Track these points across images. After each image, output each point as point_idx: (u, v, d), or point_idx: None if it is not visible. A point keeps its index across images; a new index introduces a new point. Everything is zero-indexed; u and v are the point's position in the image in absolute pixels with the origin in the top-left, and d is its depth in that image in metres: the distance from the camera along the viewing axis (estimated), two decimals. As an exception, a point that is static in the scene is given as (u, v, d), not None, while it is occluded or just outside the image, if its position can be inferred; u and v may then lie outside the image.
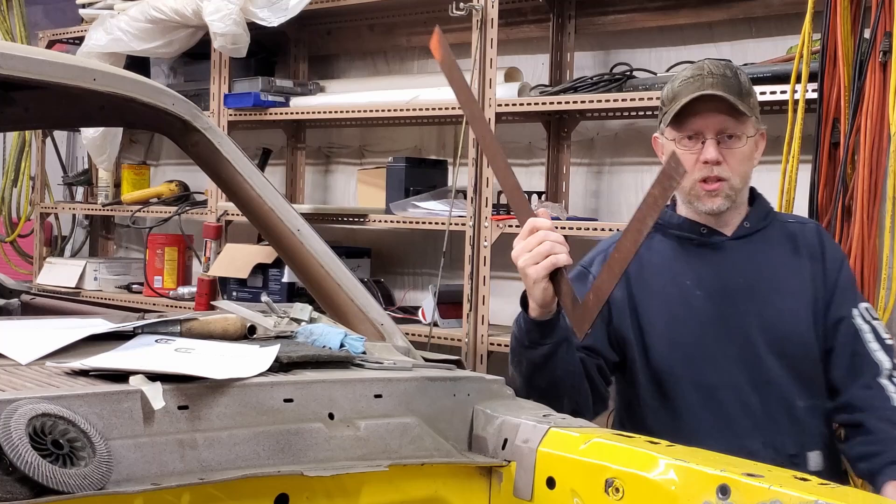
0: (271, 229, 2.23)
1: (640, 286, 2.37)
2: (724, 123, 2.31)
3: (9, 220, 5.90)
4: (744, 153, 2.34)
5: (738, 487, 1.37)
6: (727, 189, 2.33)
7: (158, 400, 1.45)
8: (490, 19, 3.76)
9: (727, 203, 2.34)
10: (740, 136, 2.33)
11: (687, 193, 2.38)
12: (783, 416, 2.29)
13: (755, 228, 2.42)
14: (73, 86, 2.04)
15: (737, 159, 2.33)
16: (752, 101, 2.37)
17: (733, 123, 2.32)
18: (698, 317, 2.33)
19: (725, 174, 2.32)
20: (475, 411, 1.77)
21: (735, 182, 2.34)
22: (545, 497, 1.60)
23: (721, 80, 2.33)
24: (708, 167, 2.32)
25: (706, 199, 2.34)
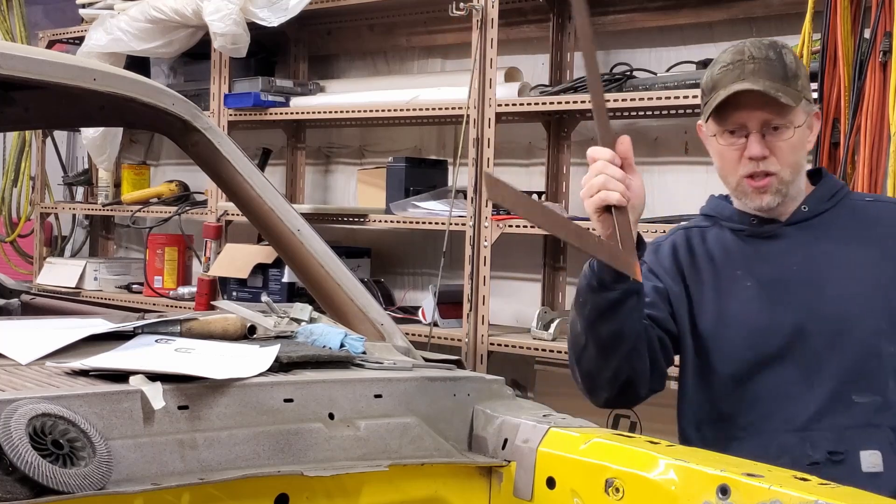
0: (271, 229, 2.23)
1: (693, 279, 2.25)
2: (768, 115, 2.13)
3: (9, 220, 5.90)
4: (792, 144, 2.15)
5: (738, 487, 1.37)
6: (776, 184, 2.16)
7: (158, 400, 1.45)
8: (490, 19, 3.76)
9: (777, 198, 2.17)
10: (787, 126, 2.14)
11: (734, 190, 2.22)
12: (837, 413, 2.10)
13: (815, 212, 2.23)
14: (73, 86, 2.04)
15: (785, 151, 2.15)
16: (799, 83, 2.16)
17: (778, 114, 2.13)
18: (746, 309, 2.19)
19: (774, 168, 2.15)
20: (475, 411, 1.77)
21: (785, 175, 2.16)
22: (545, 497, 1.60)
23: (763, 64, 2.13)
24: (753, 163, 2.15)
25: (754, 196, 2.18)
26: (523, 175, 4.24)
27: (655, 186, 3.89)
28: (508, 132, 4.13)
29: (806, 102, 2.17)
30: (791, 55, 2.19)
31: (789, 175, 2.17)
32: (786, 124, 2.14)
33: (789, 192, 2.19)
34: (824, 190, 2.26)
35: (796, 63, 2.17)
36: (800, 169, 2.21)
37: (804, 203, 2.22)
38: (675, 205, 3.59)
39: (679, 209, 3.48)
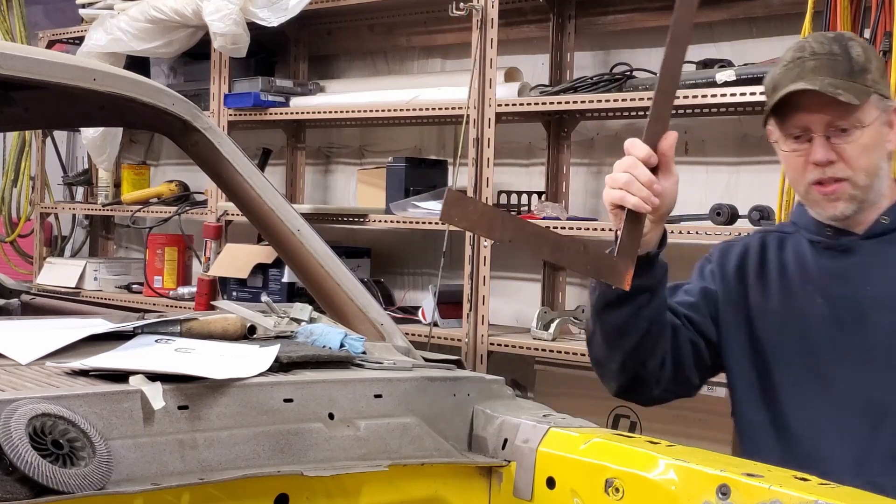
0: (271, 229, 2.23)
1: (757, 285, 2.09)
2: (831, 116, 1.96)
3: (9, 220, 5.90)
4: (863, 145, 1.96)
5: (738, 487, 1.37)
6: (850, 189, 1.98)
7: (158, 400, 1.45)
8: (490, 19, 3.76)
9: (852, 206, 1.98)
10: (855, 127, 1.96)
11: (804, 198, 2.05)
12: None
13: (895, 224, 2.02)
14: (73, 86, 2.04)
15: (855, 154, 1.96)
16: (869, 77, 1.97)
17: (844, 114, 1.95)
18: (813, 328, 2.01)
19: (843, 173, 1.97)
20: (475, 411, 1.77)
21: (859, 179, 1.97)
22: (545, 497, 1.60)
23: (826, 61, 1.96)
24: (820, 169, 1.97)
25: (825, 204, 2.00)
26: (523, 175, 4.24)
27: (655, 186, 3.89)
28: (508, 132, 4.13)
29: (879, 98, 1.99)
30: (859, 47, 2.00)
31: (864, 179, 1.98)
32: (853, 124, 1.96)
33: (867, 199, 2.00)
34: None
35: (865, 55, 1.99)
36: (878, 172, 2.00)
37: (885, 214, 2.03)
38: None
39: (679, 209, 3.46)
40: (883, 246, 2.01)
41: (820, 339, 2.00)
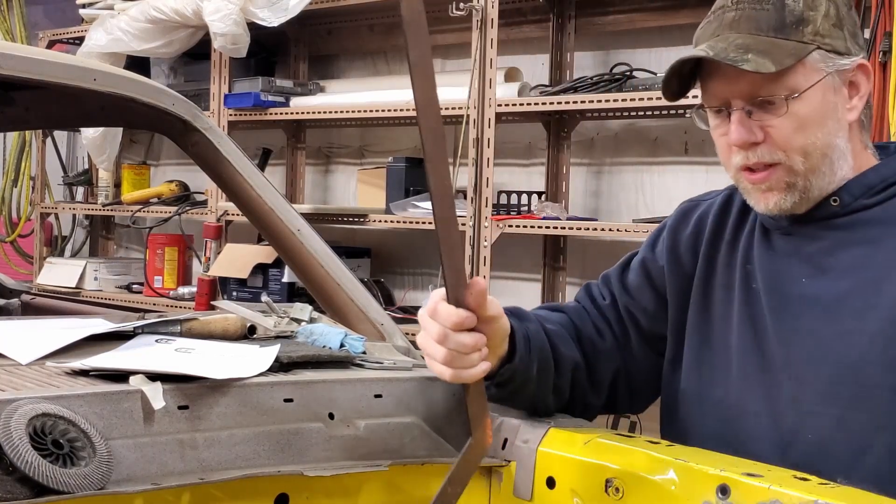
0: (271, 229, 2.23)
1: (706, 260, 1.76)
2: (752, 84, 1.56)
3: (9, 220, 5.91)
4: (798, 119, 1.56)
5: (738, 487, 1.37)
6: (784, 177, 1.58)
7: (158, 400, 1.45)
8: (490, 19, 3.76)
9: (789, 198, 1.59)
10: (782, 97, 1.55)
11: (738, 186, 1.68)
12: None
13: (850, 208, 1.61)
14: (73, 86, 2.04)
15: (787, 131, 1.56)
16: (807, 30, 1.55)
17: (767, 81, 1.55)
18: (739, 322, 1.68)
19: (773, 157, 1.58)
20: (475, 411, 1.77)
21: (795, 162, 1.57)
22: (545, 497, 1.60)
23: (749, 11, 1.57)
24: (742, 153, 1.60)
25: (757, 195, 1.62)
26: (523, 175, 4.24)
27: (655, 186, 3.90)
28: (508, 132, 4.13)
29: (825, 55, 1.56)
30: None
31: (801, 163, 1.57)
32: (781, 93, 1.55)
33: (812, 186, 1.60)
34: (876, 175, 1.62)
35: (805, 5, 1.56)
36: (825, 152, 1.58)
37: (836, 194, 1.61)
38: (674, 205, 3.58)
39: (679, 209, 3.48)
40: (828, 232, 1.62)
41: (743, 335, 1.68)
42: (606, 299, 1.84)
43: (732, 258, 1.73)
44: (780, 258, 1.67)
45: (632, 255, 1.89)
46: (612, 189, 4.05)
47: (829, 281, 1.60)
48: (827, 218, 1.63)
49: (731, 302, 1.70)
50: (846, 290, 1.58)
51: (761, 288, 1.67)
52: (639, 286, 1.83)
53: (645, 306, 1.81)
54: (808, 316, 1.60)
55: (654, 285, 1.81)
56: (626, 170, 4.02)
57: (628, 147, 4.01)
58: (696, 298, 1.76)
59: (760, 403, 1.64)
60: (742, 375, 1.67)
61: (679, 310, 1.78)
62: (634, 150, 3.99)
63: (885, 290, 1.55)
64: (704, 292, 1.75)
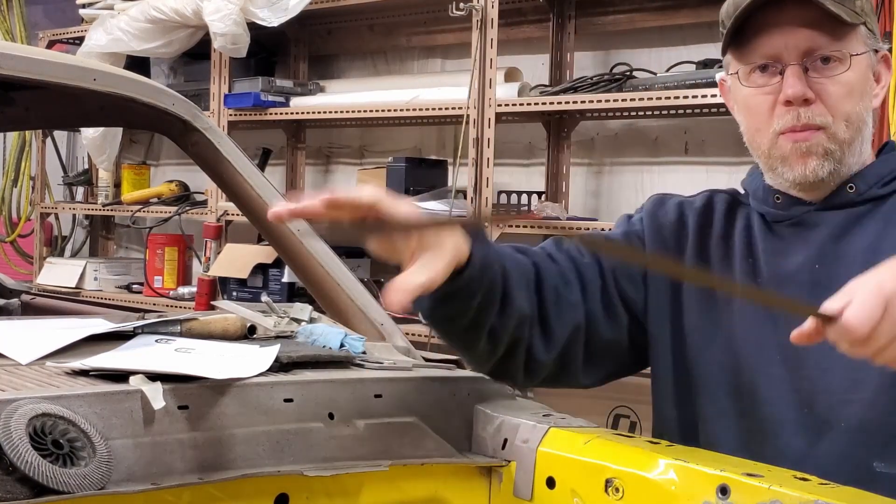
0: (271, 229, 2.23)
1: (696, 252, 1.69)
2: (812, 39, 1.51)
3: (9, 220, 5.91)
4: (849, 84, 1.52)
5: (738, 487, 1.37)
6: (826, 142, 1.53)
7: (158, 400, 1.45)
8: (490, 19, 3.76)
9: (827, 166, 1.54)
10: (842, 56, 1.51)
11: (767, 156, 1.59)
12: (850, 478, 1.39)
13: (866, 196, 1.58)
14: (73, 86, 2.04)
15: (840, 94, 1.52)
16: (858, 3, 1.53)
17: (828, 37, 1.51)
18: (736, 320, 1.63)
19: (822, 119, 1.52)
20: (475, 411, 1.77)
21: (839, 130, 1.53)
22: (545, 497, 1.60)
23: None
24: (793, 110, 1.52)
25: (794, 160, 1.54)
26: (523, 175, 4.24)
27: (655, 186, 3.90)
28: (508, 132, 4.13)
29: (868, 34, 1.56)
30: None
31: (844, 132, 1.53)
32: (839, 54, 1.51)
33: (844, 162, 1.56)
34: (885, 166, 1.61)
35: None
36: (860, 127, 1.56)
37: (851, 181, 1.58)
38: (675, 205, 3.60)
39: (679, 209, 3.48)
40: (841, 218, 1.58)
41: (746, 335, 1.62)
42: (586, 257, 1.71)
43: (728, 254, 1.68)
44: (788, 248, 1.62)
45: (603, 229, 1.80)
46: (612, 189, 4.05)
47: (842, 267, 1.56)
48: (842, 206, 1.60)
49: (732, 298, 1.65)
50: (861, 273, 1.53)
51: (769, 280, 1.62)
52: None
53: (630, 274, 1.72)
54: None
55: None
56: (626, 170, 4.02)
57: (628, 147, 4.01)
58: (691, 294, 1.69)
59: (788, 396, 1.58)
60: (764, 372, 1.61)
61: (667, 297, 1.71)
62: (634, 150, 4.00)
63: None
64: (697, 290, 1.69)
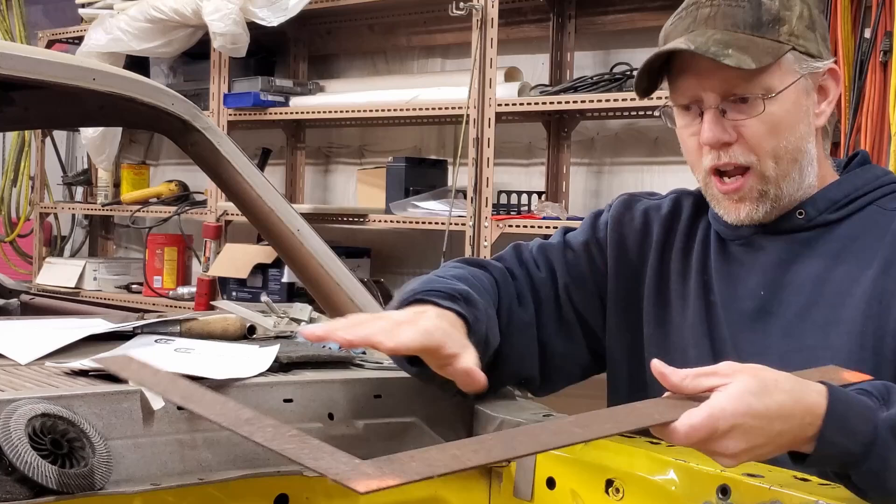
0: (271, 229, 2.23)
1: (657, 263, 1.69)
2: (727, 82, 1.52)
3: (8, 219, 5.91)
4: (771, 120, 1.52)
5: (739, 487, 1.37)
6: (756, 184, 1.54)
7: (158, 400, 1.45)
8: (490, 19, 3.76)
9: (761, 208, 1.55)
10: (760, 97, 1.51)
11: (705, 194, 1.62)
12: None
13: (816, 222, 1.57)
14: (73, 86, 2.04)
15: (761, 132, 1.52)
16: (783, 29, 1.52)
17: (743, 79, 1.51)
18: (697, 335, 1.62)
19: (745, 159, 1.53)
20: (475, 411, 1.76)
21: (767, 168, 1.53)
22: (545, 497, 1.60)
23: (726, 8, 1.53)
24: (714, 153, 1.54)
25: (726, 205, 1.57)
26: (523, 175, 4.24)
27: (655, 186, 3.89)
28: (508, 132, 4.13)
29: (799, 57, 1.54)
30: None
31: (773, 168, 1.53)
32: (756, 92, 1.51)
33: (783, 194, 1.56)
34: (839, 190, 1.59)
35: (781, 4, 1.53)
36: (795, 157, 1.55)
37: (801, 207, 1.58)
38: (675, 205, 3.60)
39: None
40: (791, 246, 1.57)
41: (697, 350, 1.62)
42: (542, 271, 1.72)
43: (686, 267, 1.67)
44: (738, 270, 1.61)
45: (567, 229, 1.80)
46: (612, 189, 4.05)
47: (789, 295, 1.56)
48: (791, 231, 1.59)
49: (687, 313, 1.64)
50: (806, 304, 1.55)
51: (719, 301, 1.61)
52: (581, 269, 1.73)
53: (585, 290, 1.72)
54: (768, 331, 1.56)
55: (595, 273, 1.73)
56: (626, 170, 4.02)
57: (628, 147, 4.01)
58: (651, 309, 1.69)
59: None
60: None
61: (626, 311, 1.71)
62: (634, 150, 3.99)
63: (848, 304, 1.51)
64: (659, 302, 1.69)
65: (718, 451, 1.26)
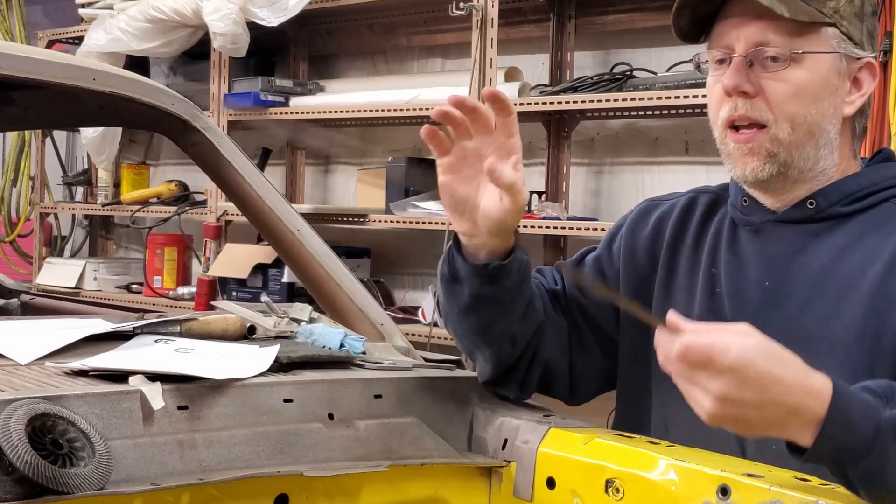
0: (271, 229, 2.23)
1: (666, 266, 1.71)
2: (762, 33, 1.50)
3: (8, 219, 5.90)
4: (797, 83, 1.50)
5: (739, 488, 1.37)
6: (767, 143, 1.52)
7: (158, 400, 1.45)
8: (490, 19, 3.76)
9: (767, 168, 1.53)
10: (790, 58, 1.49)
11: (720, 148, 1.60)
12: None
13: (827, 213, 1.56)
14: (73, 86, 2.04)
15: (782, 93, 1.50)
16: (830, 5, 1.51)
17: (779, 35, 1.49)
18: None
19: (761, 115, 1.51)
20: (475, 411, 1.77)
21: (781, 131, 1.51)
22: (545, 497, 1.60)
23: None
24: (731, 102, 1.53)
25: (736, 157, 1.55)
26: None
27: (655, 186, 3.90)
28: (508, 132, 4.12)
29: (840, 37, 1.52)
30: None
31: (787, 133, 1.52)
32: (788, 53, 1.50)
33: (792, 165, 1.54)
34: (854, 184, 1.57)
35: None
36: (812, 131, 1.53)
37: (813, 197, 1.57)
38: (675, 205, 3.59)
39: (679, 209, 3.48)
40: (799, 233, 1.56)
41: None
42: (558, 285, 1.81)
43: (696, 262, 1.68)
44: (744, 260, 1.62)
45: (588, 250, 1.88)
46: (612, 189, 4.05)
47: (794, 287, 1.56)
48: (800, 221, 1.58)
49: (693, 306, 1.65)
50: (810, 296, 1.55)
51: (725, 292, 1.62)
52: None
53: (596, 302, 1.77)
54: (770, 323, 1.50)
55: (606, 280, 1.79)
56: (626, 170, 4.02)
57: (628, 147, 4.01)
58: (658, 304, 1.71)
59: None
60: None
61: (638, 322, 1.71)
62: (634, 150, 3.99)
63: (852, 298, 1.51)
64: (666, 297, 1.71)
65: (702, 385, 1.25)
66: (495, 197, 1.51)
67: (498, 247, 1.59)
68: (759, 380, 1.25)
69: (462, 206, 1.56)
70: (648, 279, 1.74)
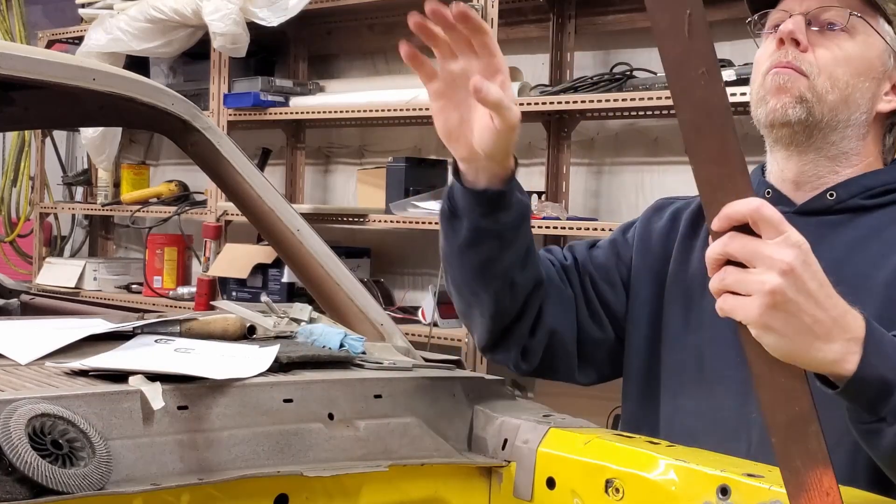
0: (271, 229, 2.23)
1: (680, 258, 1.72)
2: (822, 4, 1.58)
3: (8, 219, 5.91)
4: (847, 52, 1.57)
5: (739, 488, 1.37)
6: (804, 88, 1.57)
7: (158, 400, 1.45)
8: (490, 19, 3.76)
9: (798, 110, 1.57)
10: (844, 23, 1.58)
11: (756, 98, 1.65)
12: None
13: (846, 205, 1.60)
14: (73, 86, 2.04)
15: (831, 56, 1.57)
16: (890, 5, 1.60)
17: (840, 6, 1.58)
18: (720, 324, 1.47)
19: (807, 66, 1.57)
20: (475, 411, 1.77)
21: (819, 84, 1.57)
22: (545, 497, 1.60)
23: None
24: (783, 49, 1.59)
25: (772, 94, 1.59)
26: (523, 175, 4.22)
27: (655, 186, 3.90)
28: (508, 132, 4.13)
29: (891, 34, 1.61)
30: None
31: (824, 86, 1.57)
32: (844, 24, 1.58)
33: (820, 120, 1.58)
34: (876, 178, 1.61)
35: None
36: (847, 99, 1.58)
37: (833, 189, 1.61)
38: (675, 205, 3.60)
39: (679, 209, 3.48)
40: (819, 229, 1.55)
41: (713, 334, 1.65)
42: (569, 260, 1.82)
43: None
44: None
45: (597, 239, 1.89)
46: (612, 189, 4.05)
47: None
48: (819, 212, 1.61)
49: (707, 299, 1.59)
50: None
51: None
52: (605, 262, 1.81)
53: (610, 281, 1.79)
54: None
55: (620, 267, 1.80)
56: (626, 170, 4.02)
57: (628, 147, 4.01)
58: (670, 295, 1.73)
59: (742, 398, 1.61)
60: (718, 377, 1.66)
61: (647, 302, 1.76)
62: (634, 150, 3.99)
63: (868, 287, 1.52)
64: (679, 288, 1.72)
65: (769, 255, 1.12)
66: (487, 118, 1.52)
67: (497, 172, 1.60)
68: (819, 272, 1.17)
69: (457, 131, 1.56)
70: (661, 269, 1.76)
